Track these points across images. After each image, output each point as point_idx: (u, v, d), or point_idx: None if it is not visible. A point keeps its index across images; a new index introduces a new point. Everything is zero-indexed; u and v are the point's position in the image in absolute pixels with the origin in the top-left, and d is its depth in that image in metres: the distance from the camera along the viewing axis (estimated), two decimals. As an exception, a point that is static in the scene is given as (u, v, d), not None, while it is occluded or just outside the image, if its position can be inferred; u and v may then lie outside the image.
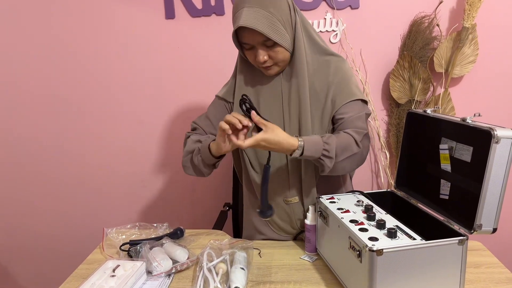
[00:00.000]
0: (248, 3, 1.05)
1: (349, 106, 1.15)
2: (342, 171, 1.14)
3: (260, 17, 1.04)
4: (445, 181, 1.03)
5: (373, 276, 0.83)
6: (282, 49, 1.10)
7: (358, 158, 1.14)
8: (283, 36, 1.08)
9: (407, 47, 1.67)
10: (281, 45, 1.08)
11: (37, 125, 1.97)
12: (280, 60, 1.12)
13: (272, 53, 1.10)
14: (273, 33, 1.05)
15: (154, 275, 1.05)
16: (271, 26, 1.05)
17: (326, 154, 1.07)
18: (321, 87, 1.17)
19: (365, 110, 1.18)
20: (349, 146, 1.10)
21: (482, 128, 0.87)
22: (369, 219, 0.96)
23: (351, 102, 1.16)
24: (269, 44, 1.08)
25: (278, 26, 1.06)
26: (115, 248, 1.23)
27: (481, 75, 1.71)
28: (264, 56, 1.10)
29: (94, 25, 1.83)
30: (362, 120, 1.16)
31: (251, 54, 1.13)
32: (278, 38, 1.07)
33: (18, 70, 1.91)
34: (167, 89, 1.87)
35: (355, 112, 1.15)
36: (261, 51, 1.09)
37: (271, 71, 1.15)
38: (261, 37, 1.06)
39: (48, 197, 2.05)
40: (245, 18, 1.04)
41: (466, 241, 0.86)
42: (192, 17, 1.77)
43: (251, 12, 1.04)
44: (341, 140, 1.10)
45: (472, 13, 1.56)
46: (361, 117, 1.16)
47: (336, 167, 1.10)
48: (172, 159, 1.95)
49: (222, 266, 1.04)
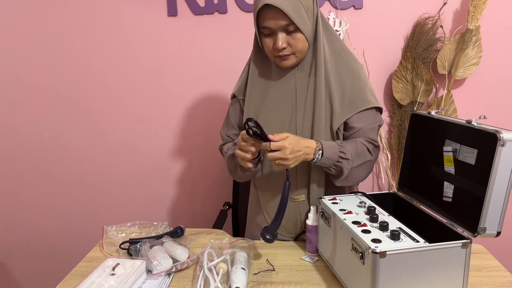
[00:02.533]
0: None
1: (363, 115, 1.15)
2: (355, 179, 1.15)
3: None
4: (449, 184, 1.02)
5: (375, 278, 0.82)
6: (302, 37, 1.07)
7: (370, 166, 1.16)
8: (305, 23, 1.06)
9: (410, 48, 1.66)
10: (303, 32, 1.06)
11: (38, 122, 1.96)
12: (299, 49, 1.09)
13: (292, 40, 1.07)
14: (297, 17, 1.03)
15: (154, 274, 1.04)
16: (296, 9, 1.02)
17: (343, 156, 1.08)
18: (336, 87, 1.15)
19: (378, 121, 1.18)
20: (363, 153, 1.12)
21: (487, 130, 0.86)
22: (372, 221, 0.96)
23: (366, 110, 1.15)
24: (290, 29, 1.05)
25: (302, 11, 1.04)
26: (114, 246, 1.22)
27: (484, 77, 1.71)
28: (284, 42, 1.06)
29: (96, 22, 1.82)
30: (374, 133, 1.16)
31: (270, 41, 1.09)
32: (301, 23, 1.04)
33: (19, 67, 1.90)
34: (168, 87, 1.86)
35: (368, 123, 1.15)
36: (281, 36, 1.06)
37: (287, 61, 1.11)
38: (285, 19, 1.03)
39: (47, 194, 2.04)
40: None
41: (469, 245, 0.85)
42: (194, 15, 1.76)
43: None
44: (353, 146, 1.11)
45: (476, 15, 1.56)
46: (373, 129, 1.16)
47: (352, 173, 1.12)
48: (172, 158, 1.94)
49: (223, 266, 1.03)
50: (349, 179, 1.14)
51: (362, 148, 1.12)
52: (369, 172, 1.18)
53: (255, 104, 1.21)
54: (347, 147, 1.10)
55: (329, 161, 1.09)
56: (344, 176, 1.11)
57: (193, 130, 1.90)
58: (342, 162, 1.09)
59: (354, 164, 1.10)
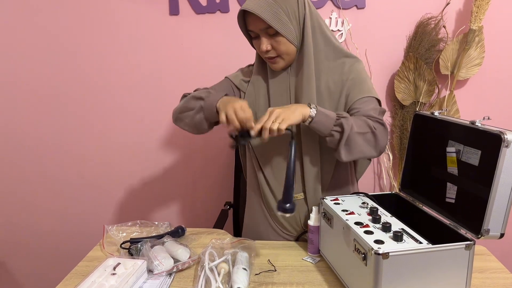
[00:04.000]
0: None
1: (363, 101, 1.13)
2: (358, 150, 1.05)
3: (263, 3, 1.04)
4: (452, 185, 1.02)
5: (378, 280, 0.82)
6: (284, 39, 1.08)
7: (373, 141, 1.07)
8: (286, 26, 1.07)
9: (412, 48, 1.66)
10: (284, 35, 1.07)
11: (38, 121, 1.95)
12: (283, 52, 1.10)
13: (274, 43, 1.09)
14: (275, 20, 1.05)
15: (155, 274, 1.04)
16: (273, 13, 1.04)
17: (341, 115, 1.04)
18: (335, 86, 1.15)
19: (380, 108, 1.16)
20: (364, 123, 1.05)
21: (491, 131, 0.86)
22: (374, 222, 0.95)
23: (366, 98, 1.13)
24: (271, 32, 1.07)
25: (280, 15, 1.05)
26: (115, 245, 1.22)
27: (487, 78, 1.70)
28: (267, 45, 1.09)
29: (97, 21, 1.81)
30: (375, 112, 1.11)
31: (257, 44, 1.13)
32: (279, 26, 1.06)
33: (18, 67, 1.90)
34: (169, 86, 1.86)
35: (369, 107, 1.12)
36: (264, 39, 1.09)
37: (276, 65, 1.14)
38: (263, 23, 1.05)
39: (48, 193, 2.04)
40: (248, 3, 1.05)
41: (473, 246, 0.85)
42: (196, 13, 1.76)
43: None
44: (355, 119, 1.06)
45: (480, 15, 1.55)
46: (375, 110, 1.12)
47: (352, 139, 1.02)
48: (173, 157, 1.94)
49: (224, 266, 1.03)
50: (349, 148, 1.04)
51: (363, 120, 1.06)
52: (373, 148, 1.07)
53: (251, 101, 1.22)
54: (345, 114, 1.06)
55: (327, 120, 1.02)
56: (346, 135, 1.01)
57: (194, 129, 1.89)
58: (341, 120, 1.02)
59: (354, 129, 1.02)
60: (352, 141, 1.03)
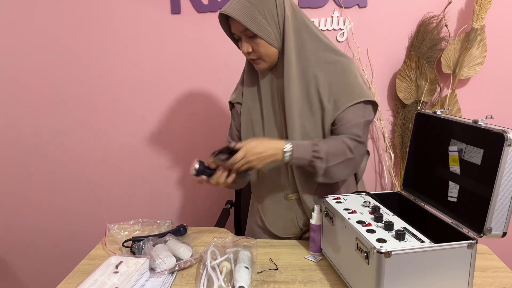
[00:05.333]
0: None
1: (351, 110, 1.11)
2: (337, 177, 1.12)
3: (239, 6, 1.05)
4: (454, 183, 1.01)
5: (380, 278, 0.82)
6: (263, 42, 1.09)
7: (352, 164, 1.12)
8: (263, 28, 1.07)
9: (414, 47, 1.66)
10: (261, 37, 1.08)
11: (40, 120, 1.95)
12: (263, 54, 1.11)
13: (254, 45, 1.10)
14: (251, 22, 1.05)
15: (157, 272, 1.04)
16: (249, 15, 1.05)
17: (316, 156, 1.06)
18: (323, 88, 1.13)
19: (366, 117, 1.13)
20: (342, 151, 1.09)
21: (494, 130, 0.85)
22: (376, 220, 0.95)
23: (353, 107, 1.11)
24: (249, 34, 1.08)
25: (257, 17, 1.06)
26: (117, 244, 1.22)
27: (489, 77, 1.70)
28: (248, 47, 1.10)
29: (98, 19, 1.81)
30: (359, 128, 1.11)
31: (241, 46, 1.14)
32: (256, 28, 1.06)
33: (20, 66, 1.90)
34: (171, 85, 1.86)
35: (354, 118, 1.11)
36: (244, 41, 1.10)
37: (259, 66, 1.15)
38: (241, 26, 1.07)
39: (50, 192, 2.04)
40: (227, 6, 1.06)
41: (475, 245, 0.85)
42: (198, 12, 1.75)
43: (233, 1, 1.07)
44: (332, 144, 1.08)
45: (482, 14, 1.55)
46: (358, 125, 1.11)
47: (330, 171, 1.09)
48: (174, 156, 1.94)
49: (226, 265, 1.03)
50: (328, 177, 1.10)
51: (341, 147, 1.08)
52: (352, 170, 1.15)
53: (248, 107, 1.24)
54: (322, 146, 1.07)
55: (302, 161, 1.07)
56: (320, 174, 1.09)
57: (195, 127, 1.89)
58: (315, 161, 1.07)
59: (330, 163, 1.07)
60: (330, 173, 1.10)
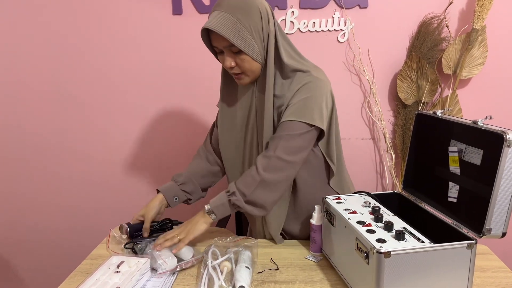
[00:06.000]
0: (219, 7, 1.05)
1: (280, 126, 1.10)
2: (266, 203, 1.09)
3: (225, 21, 1.02)
4: (454, 184, 1.02)
5: (380, 278, 0.82)
6: (248, 57, 1.07)
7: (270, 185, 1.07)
8: (249, 44, 1.05)
9: (415, 48, 1.66)
10: (247, 53, 1.06)
11: (42, 120, 1.96)
12: (247, 69, 1.09)
13: (238, 61, 1.08)
14: (237, 39, 1.03)
15: (159, 273, 1.04)
16: (236, 32, 1.03)
17: (229, 194, 1.08)
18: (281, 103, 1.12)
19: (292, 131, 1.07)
20: (250, 179, 1.07)
21: (493, 131, 0.86)
22: (376, 221, 0.96)
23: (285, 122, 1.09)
24: (234, 50, 1.06)
25: (243, 33, 1.04)
26: (120, 244, 1.22)
27: (490, 77, 1.70)
28: (231, 62, 1.08)
29: (100, 20, 1.82)
30: (284, 139, 1.07)
31: (222, 59, 1.11)
32: (242, 45, 1.04)
33: (23, 66, 1.91)
34: (173, 85, 1.86)
35: (278, 133, 1.09)
36: (228, 57, 1.08)
37: (242, 80, 1.13)
38: (226, 41, 1.05)
39: (51, 192, 2.05)
40: (211, 21, 1.03)
41: (475, 245, 0.85)
42: (199, 13, 1.76)
43: (218, 15, 1.04)
44: (242, 178, 1.10)
45: (482, 15, 1.55)
46: (283, 137, 1.07)
47: (253, 201, 1.07)
48: (175, 156, 1.95)
49: (227, 265, 1.03)
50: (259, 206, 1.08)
51: (250, 174, 1.08)
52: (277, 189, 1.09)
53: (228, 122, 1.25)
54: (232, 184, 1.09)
55: (224, 207, 1.08)
56: (247, 209, 1.08)
57: (197, 128, 1.90)
58: (232, 199, 1.08)
59: (247, 193, 1.06)
60: (255, 202, 1.08)
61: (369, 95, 1.77)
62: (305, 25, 1.71)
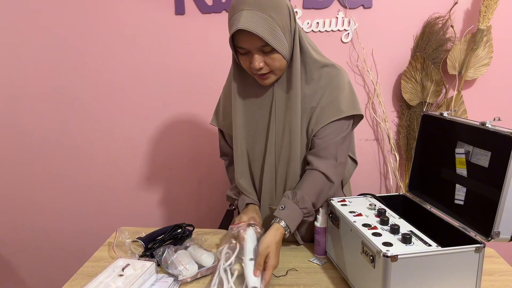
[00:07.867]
0: (248, 5, 0.98)
1: (327, 128, 1.11)
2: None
3: (260, 20, 0.97)
4: (461, 186, 1.00)
5: (386, 282, 0.81)
6: (280, 56, 1.03)
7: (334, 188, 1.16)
8: (282, 42, 1.02)
9: (420, 48, 1.65)
10: (280, 52, 1.02)
11: (44, 120, 1.96)
12: (277, 68, 1.06)
13: (268, 60, 1.04)
14: (273, 38, 1.00)
15: (180, 280, 1.01)
16: (271, 31, 0.99)
17: (306, 213, 1.10)
18: (310, 99, 1.12)
19: (343, 133, 1.12)
20: (323, 190, 1.12)
21: (502, 133, 0.85)
22: (382, 224, 0.94)
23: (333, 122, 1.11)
24: (266, 50, 1.02)
25: (278, 32, 1.00)
26: (125, 247, 1.20)
27: (495, 78, 1.68)
28: (260, 62, 1.03)
29: (102, 20, 1.81)
30: (334, 146, 1.11)
31: (246, 60, 1.06)
32: (277, 44, 1.01)
33: (25, 67, 1.90)
34: (175, 86, 1.86)
35: (330, 136, 1.11)
36: (258, 56, 1.03)
37: (268, 80, 1.09)
38: (260, 42, 1.00)
39: (53, 193, 2.04)
40: (245, 21, 0.97)
41: (483, 249, 0.84)
42: (202, 13, 1.75)
43: (251, 14, 0.97)
44: (313, 188, 1.11)
45: (488, 15, 1.54)
46: (334, 144, 1.11)
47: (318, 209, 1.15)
48: (178, 157, 1.94)
49: (238, 268, 1.01)
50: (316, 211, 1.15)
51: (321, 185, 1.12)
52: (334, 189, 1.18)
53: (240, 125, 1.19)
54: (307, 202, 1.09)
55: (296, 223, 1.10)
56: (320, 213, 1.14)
57: (199, 129, 1.89)
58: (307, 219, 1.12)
59: (319, 204, 1.14)
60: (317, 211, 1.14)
61: (373, 95, 1.76)
62: (309, 25, 1.70)
